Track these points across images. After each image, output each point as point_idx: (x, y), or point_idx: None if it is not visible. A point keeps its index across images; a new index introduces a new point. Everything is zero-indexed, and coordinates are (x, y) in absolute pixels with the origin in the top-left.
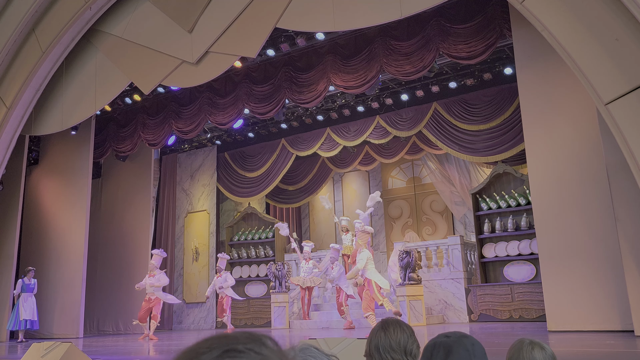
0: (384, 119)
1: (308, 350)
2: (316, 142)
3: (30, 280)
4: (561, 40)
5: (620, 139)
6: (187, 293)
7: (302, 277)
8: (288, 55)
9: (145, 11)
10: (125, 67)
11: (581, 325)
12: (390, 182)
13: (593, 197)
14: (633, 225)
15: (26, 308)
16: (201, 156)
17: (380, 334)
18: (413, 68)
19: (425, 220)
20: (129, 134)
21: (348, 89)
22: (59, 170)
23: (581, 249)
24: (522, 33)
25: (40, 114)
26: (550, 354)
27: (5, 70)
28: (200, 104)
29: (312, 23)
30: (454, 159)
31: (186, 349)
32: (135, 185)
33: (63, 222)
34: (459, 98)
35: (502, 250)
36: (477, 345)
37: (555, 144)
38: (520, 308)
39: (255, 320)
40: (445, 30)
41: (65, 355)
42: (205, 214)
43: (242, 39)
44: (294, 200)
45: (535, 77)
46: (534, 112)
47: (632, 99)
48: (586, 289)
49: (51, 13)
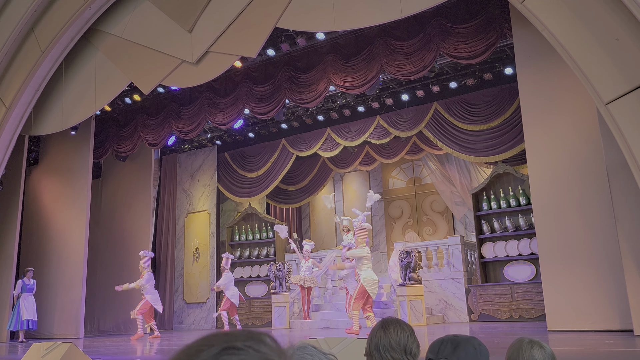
0: (385, 119)
1: (306, 349)
2: (316, 142)
3: (30, 280)
4: (561, 40)
5: (620, 139)
6: (188, 293)
7: (302, 276)
8: (288, 55)
9: (145, 11)
10: (125, 67)
11: (581, 324)
12: (391, 182)
13: (593, 197)
14: (633, 225)
15: (27, 308)
16: (201, 156)
17: (380, 333)
18: (413, 68)
19: (426, 220)
20: (129, 134)
21: (348, 89)
22: (58, 170)
23: (581, 248)
24: (523, 33)
25: (39, 114)
26: (549, 353)
27: (5, 70)
28: (201, 104)
29: (312, 23)
30: (455, 159)
31: (186, 346)
32: (136, 185)
33: (63, 222)
34: (459, 98)
35: (502, 250)
36: (483, 347)
37: (556, 144)
38: (520, 308)
39: (255, 320)
40: (445, 30)
41: (65, 355)
42: (205, 214)
43: (242, 38)
44: (295, 201)
45: (535, 77)
46: (534, 112)
47: (632, 99)
48: (586, 289)
49: (50, 12)
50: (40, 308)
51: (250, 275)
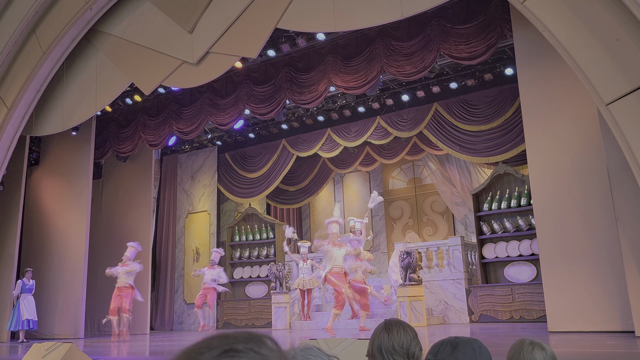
0: (385, 120)
1: (310, 350)
2: (317, 143)
3: (29, 280)
4: (562, 41)
5: (621, 140)
6: (188, 293)
7: (302, 278)
8: (289, 56)
9: (145, 12)
10: (125, 67)
11: (582, 325)
12: (391, 182)
13: (594, 198)
14: (634, 226)
15: (27, 308)
16: (202, 157)
17: (383, 335)
18: (414, 69)
19: (426, 221)
20: (130, 135)
21: (349, 90)
22: (59, 170)
23: (582, 249)
24: (523, 33)
25: (40, 114)
26: (550, 354)
27: (6, 70)
28: (201, 105)
29: (312, 23)
30: (455, 160)
31: (186, 348)
32: (136, 185)
33: (64, 222)
34: (459, 99)
35: (503, 250)
36: (483, 348)
37: (556, 144)
38: (521, 309)
39: (255, 320)
40: (446, 31)
41: (66, 355)
42: (205, 214)
43: (243, 39)
44: (295, 201)
45: (536, 77)
46: (535, 112)
47: (633, 99)
48: (587, 290)
49: (52, 13)
50: (41, 308)
51: (251, 275)
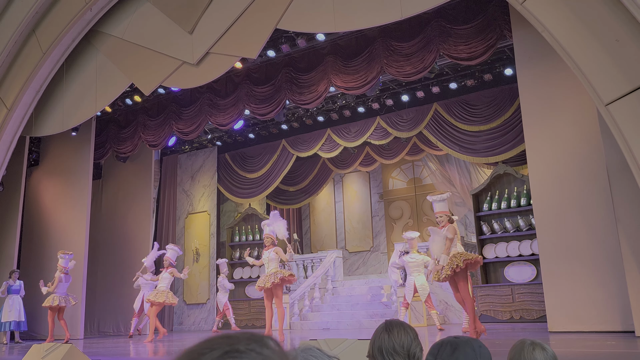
0: (385, 120)
1: (311, 351)
2: (317, 143)
3: (15, 281)
4: (561, 41)
5: (620, 140)
6: (188, 294)
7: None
8: (289, 56)
9: (145, 12)
10: (125, 68)
11: (582, 325)
12: (391, 183)
13: (593, 198)
14: (634, 226)
15: (11, 310)
16: (202, 157)
17: (383, 335)
18: (414, 69)
19: (426, 221)
20: (130, 135)
21: (348, 90)
22: (59, 171)
23: (582, 249)
24: (523, 34)
25: (40, 115)
26: (551, 354)
27: (6, 71)
28: (201, 105)
29: (312, 24)
30: (455, 160)
31: (187, 349)
32: (136, 186)
33: (63, 223)
34: (459, 99)
35: (503, 251)
36: (484, 349)
37: (556, 144)
38: (521, 309)
39: (255, 321)
40: (445, 31)
41: (65, 356)
42: (205, 215)
43: (243, 39)
44: (295, 201)
45: (535, 77)
46: (535, 112)
47: (632, 99)
48: (587, 290)
49: (52, 14)
50: (41, 309)
51: (250, 276)
